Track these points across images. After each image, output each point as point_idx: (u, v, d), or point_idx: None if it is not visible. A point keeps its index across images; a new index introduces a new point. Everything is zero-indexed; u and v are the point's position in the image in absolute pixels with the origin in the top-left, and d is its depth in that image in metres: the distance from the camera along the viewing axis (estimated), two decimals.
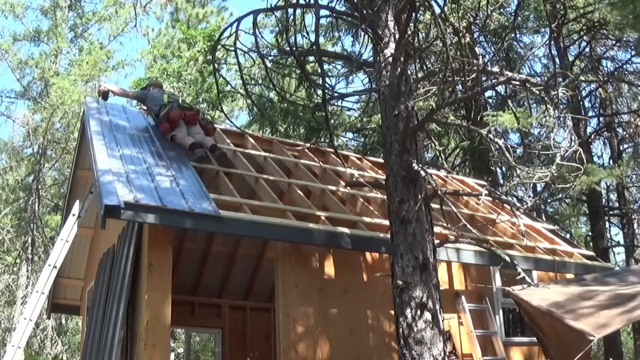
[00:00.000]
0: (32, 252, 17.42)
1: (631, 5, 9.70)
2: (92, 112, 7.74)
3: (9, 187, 19.37)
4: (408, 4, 5.34)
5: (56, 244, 6.70)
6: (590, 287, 6.31)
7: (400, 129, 5.42)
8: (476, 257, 7.04)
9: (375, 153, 14.98)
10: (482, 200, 8.76)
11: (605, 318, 5.20)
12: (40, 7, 20.36)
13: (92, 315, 6.94)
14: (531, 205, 10.88)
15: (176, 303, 5.82)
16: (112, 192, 5.39)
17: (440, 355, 4.87)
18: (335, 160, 8.53)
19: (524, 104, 13.47)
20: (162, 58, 20.60)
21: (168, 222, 5.47)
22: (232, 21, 6.07)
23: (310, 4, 6.06)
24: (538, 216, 12.89)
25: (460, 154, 16.91)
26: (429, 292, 4.99)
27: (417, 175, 5.27)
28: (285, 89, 16.27)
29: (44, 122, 17.92)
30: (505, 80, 6.08)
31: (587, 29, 14.96)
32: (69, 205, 8.07)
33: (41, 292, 6.41)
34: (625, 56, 15.70)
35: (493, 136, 6.85)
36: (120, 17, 20.67)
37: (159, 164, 6.59)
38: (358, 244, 6.40)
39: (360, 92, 7.79)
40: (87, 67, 18.32)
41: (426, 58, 7.34)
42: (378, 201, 7.55)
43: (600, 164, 16.31)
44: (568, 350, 5.25)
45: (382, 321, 6.59)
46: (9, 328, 16.91)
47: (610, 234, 18.11)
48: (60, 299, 9.36)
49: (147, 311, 5.38)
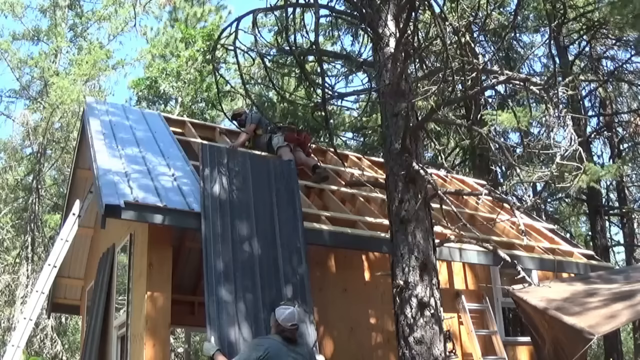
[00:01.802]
0: (32, 252, 17.41)
1: (631, 5, 9.71)
2: (92, 112, 7.74)
3: (8, 187, 19.36)
4: (408, 3, 5.35)
5: (56, 244, 6.71)
6: (596, 284, 6.29)
7: (400, 129, 5.42)
8: (476, 257, 7.04)
9: (375, 153, 14.98)
10: (482, 200, 8.77)
11: (613, 311, 5.13)
12: (39, 7, 20.37)
13: (91, 315, 6.94)
14: (531, 205, 10.87)
15: (176, 303, 5.82)
16: (112, 192, 5.40)
17: (440, 355, 4.87)
18: (335, 159, 8.53)
19: (524, 103, 13.47)
20: (161, 57, 20.58)
21: (168, 221, 5.46)
22: (232, 21, 6.07)
23: (310, 3, 6.06)
24: (538, 215, 12.89)
25: (460, 153, 16.92)
26: (429, 291, 4.99)
27: (417, 175, 5.27)
28: (285, 88, 16.27)
29: (43, 121, 17.91)
30: (505, 79, 6.08)
31: (587, 28, 14.96)
32: (68, 204, 8.07)
33: (41, 292, 6.42)
34: (625, 55, 15.73)
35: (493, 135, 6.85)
36: (119, 16, 20.66)
37: (159, 163, 6.59)
38: (358, 243, 6.40)
39: (359, 91, 7.79)
40: (86, 67, 18.31)
41: (426, 57, 7.33)
42: (378, 201, 7.55)
43: (600, 163, 16.30)
44: (563, 352, 5.22)
45: (382, 321, 6.59)
46: (9, 328, 16.90)
47: (610, 233, 18.14)
48: (60, 299, 9.36)
49: (147, 311, 5.38)
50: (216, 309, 5.01)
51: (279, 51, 7.79)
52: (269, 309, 5.05)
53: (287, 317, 4.44)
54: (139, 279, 5.75)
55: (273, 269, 5.49)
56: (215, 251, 5.30)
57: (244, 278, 5.30)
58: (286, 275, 5.51)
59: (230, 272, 5.25)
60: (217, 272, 5.18)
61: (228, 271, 5.24)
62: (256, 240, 5.57)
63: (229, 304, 5.09)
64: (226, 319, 5.01)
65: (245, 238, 5.54)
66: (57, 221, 16.31)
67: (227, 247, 5.39)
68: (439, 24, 5.21)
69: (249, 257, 5.45)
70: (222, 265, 5.25)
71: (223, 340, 4.90)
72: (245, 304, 5.16)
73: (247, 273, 5.34)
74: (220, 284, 5.14)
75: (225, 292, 5.11)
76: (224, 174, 5.89)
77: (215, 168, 5.90)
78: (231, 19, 12.79)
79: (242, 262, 5.37)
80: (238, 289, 5.20)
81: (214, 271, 5.18)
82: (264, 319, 5.11)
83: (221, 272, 5.21)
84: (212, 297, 5.07)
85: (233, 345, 4.92)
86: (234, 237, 5.48)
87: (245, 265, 5.38)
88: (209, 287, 5.12)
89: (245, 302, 5.17)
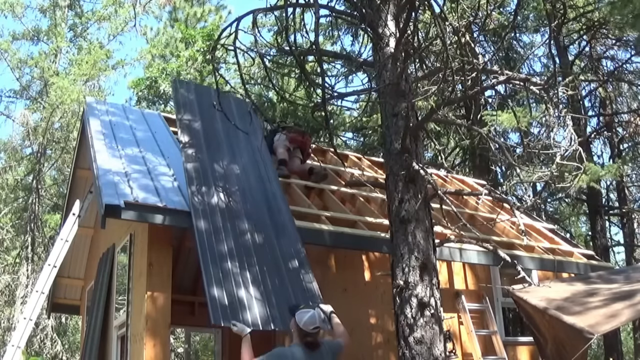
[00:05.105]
0: (32, 252, 17.41)
1: (631, 5, 9.70)
2: (92, 112, 7.74)
3: (8, 187, 19.34)
4: (408, 3, 5.34)
5: (56, 244, 6.71)
6: (596, 284, 6.28)
7: (400, 129, 5.42)
8: (476, 257, 7.04)
9: (375, 153, 14.98)
10: (482, 200, 8.77)
11: (613, 311, 5.13)
12: (39, 7, 20.34)
13: (91, 315, 6.94)
14: (531, 205, 10.88)
15: (176, 303, 5.82)
16: (112, 192, 5.40)
17: (440, 355, 4.87)
18: (335, 159, 8.53)
19: (524, 103, 13.47)
20: (161, 57, 20.57)
21: (168, 221, 5.47)
22: (232, 21, 6.05)
23: (310, 3, 6.05)
24: (538, 215, 12.89)
25: (460, 153, 16.92)
26: (429, 291, 4.99)
27: (417, 175, 5.27)
28: (285, 88, 16.27)
29: (43, 121, 17.90)
30: (505, 79, 6.08)
31: (587, 28, 14.96)
32: (68, 204, 8.07)
33: (41, 292, 6.42)
34: (625, 55, 15.72)
35: (493, 135, 6.85)
36: (119, 16, 20.64)
37: (159, 163, 6.59)
38: (358, 243, 6.40)
39: (359, 91, 7.77)
40: (86, 67, 18.29)
41: (426, 57, 7.32)
42: (378, 201, 7.54)
43: (600, 163, 16.29)
44: (565, 350, 5.22)
45: (382, 321, 6.59)
46: (9, 328, 16.90)
47: (610, 233, 18.13)
48: (60, 299, 9.37)
49: (147, 311, 5.38)
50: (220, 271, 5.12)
51: (279, 51, 7.78)
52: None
53: (308, 321, 4.31)
54: (139, 279, 5.75)
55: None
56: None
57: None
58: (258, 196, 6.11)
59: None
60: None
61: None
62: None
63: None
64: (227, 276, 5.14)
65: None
66: (57, 221, 16.29)
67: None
68: (439, 24, 5.21)
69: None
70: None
71: (232, 296, 4.94)
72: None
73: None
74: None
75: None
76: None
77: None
78: (231, 19, 12.82)
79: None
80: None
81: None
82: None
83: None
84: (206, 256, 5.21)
85: (243, 301, 4.96)
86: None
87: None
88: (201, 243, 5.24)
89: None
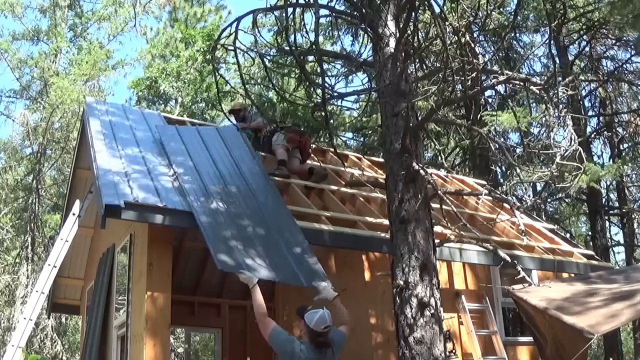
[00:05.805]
0: (32, 252, 17.41)
1: (631, 5, 9.70)
2: (92, 112, 7.73)
3: (8, 187, 19.34)
4: (408, 3, 5.35)
5: (56, 244, 6.71)
6: (596, 284, 6.28)
7: (400, 129, 5.42)
8: (476, 257, 7.03)
9: (375, 153, 14.97)
10: (482, 200, 8.77)
11: (613, 311, 5.13)
12: (39, 7, 20.33)
13: (91, 315, 6.94)
14: (531, 205, 10.88)
15: (176, 303, 5.82)
16: (112, 192, 5.40)
17: (440, 355, 4.87)
18: (335, 159, 8.52)
19: (524, 103, 13.46)
20: (161, 57, 20.58)
21: (168, 221, 5.46)
22: (232, 21, 6.07)
23: (310, 3, 6.06)
24: (538, 215, 12.88)
25: (460, 153, 16.91)
26: (429, 291, 4.99)
27: (417, 175, 5.27)
28: (285, 88, 16.26)
29: (43, 121, 17.90)
30: (505, 79, 6.09)
31: (587, 28, 14.96)
32: (68, 204, 8.07)
33: (41, 292, 6.42)
34: (625, 55, 15.71)
35: (493, 135, 6.85)
36: (119, 16, 20.64)
37: (160, 163, 6.59)
38: (358, 243, 6.40)
39: (359, 91, 7.78)
40: (86, 67, 18.28)
41: (426, 57, 7.34)
42: (378, 201, 7.54)
43: (600, 163, 16.29)
44: (565, 350, 5.22)
45: (382, 321, 6.58)
46: (9, 328, 16.89)
47: (610, 233, 18.12)
48: (60, 299, 9.36)
49: (147, 311, 5.38)
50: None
51: (279, 51, 7.79)
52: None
53: (319, 321, 4.28)
54: (139, 279, 5.75)
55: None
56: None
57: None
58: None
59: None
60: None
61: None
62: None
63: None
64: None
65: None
66: (57, 221, 16.29)
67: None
68: (439, 24, 5.22)
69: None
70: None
71: (239, 262, 5.07)
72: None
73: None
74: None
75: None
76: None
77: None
78: (231, 19, 12.82)
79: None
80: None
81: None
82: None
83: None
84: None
85: (249, 265, 5.08)
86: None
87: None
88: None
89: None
